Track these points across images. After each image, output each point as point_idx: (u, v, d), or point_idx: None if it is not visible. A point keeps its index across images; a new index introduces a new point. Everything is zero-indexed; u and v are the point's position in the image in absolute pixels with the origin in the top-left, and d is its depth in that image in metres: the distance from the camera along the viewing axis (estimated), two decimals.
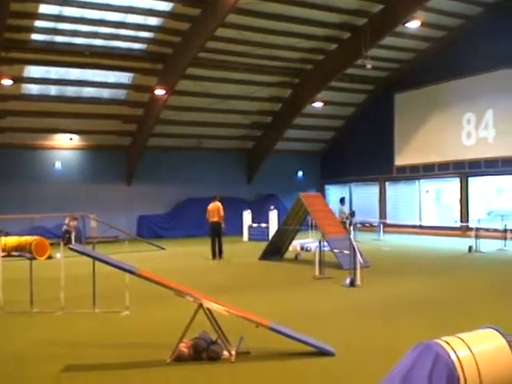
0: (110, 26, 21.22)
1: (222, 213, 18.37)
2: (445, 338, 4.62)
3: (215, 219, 18.28)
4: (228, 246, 21.22)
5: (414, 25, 21.77)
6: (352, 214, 23.61)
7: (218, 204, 18.50)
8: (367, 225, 27.76)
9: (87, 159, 27.92)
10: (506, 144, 23.95)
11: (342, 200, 23.49)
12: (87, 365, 6.79)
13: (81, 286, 11.62)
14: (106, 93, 25.11)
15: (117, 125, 26.94)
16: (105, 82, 24.46)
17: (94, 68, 23.38)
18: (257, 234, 25.42)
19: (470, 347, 4.57)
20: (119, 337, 8.21)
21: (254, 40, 23.27)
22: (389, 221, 28.87)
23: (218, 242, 18.34)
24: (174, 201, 29.87)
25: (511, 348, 4.76)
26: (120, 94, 25.41)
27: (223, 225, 18.52)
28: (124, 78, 24.51)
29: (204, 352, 6.80)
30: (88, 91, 24.74)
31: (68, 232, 23.56)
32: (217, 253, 18.27)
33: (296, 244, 19.99)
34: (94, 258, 7.97)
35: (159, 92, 23.86)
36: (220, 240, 18.40)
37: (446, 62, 26.09)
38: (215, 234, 18.38)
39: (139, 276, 7.10)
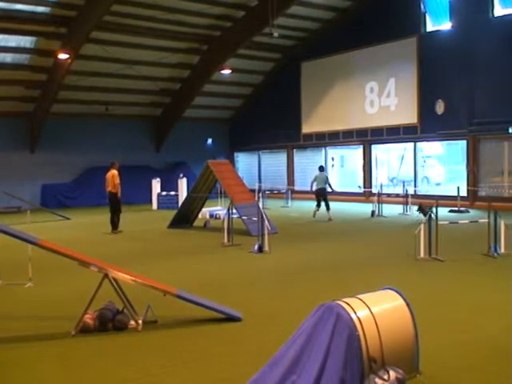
0: None
1: (116, 181, 16.92)
2: (346, 300, 4.77)
3: (109, 188, 17.09)
4: (137, 215, 20.96)
5: None
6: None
7: (112, 172, 17.07)
8: (275, 192, 28.13)
9: None
10: (406, 112, 24.86)
11: (320, 168, 20.70)
12: None
13: None
14: (8, 58, 23.81)
15: (19, 91, 25.75)
16: (6, 47, 23.17)
17: None
18: (166, 203, 25.25)
19: (370, 307, 4.75)
20: (22, 309, 7.97)
21: (161, 4, 22.74)
22: (296, 187, 29.42)
23: (115, 214, 17.15)
24: (79, 169, 29.08)
25: (409, 307, 5.00)
26: (23, 58, 24.16)
27: (118, 195, 17.05)
28: (26, 42, 23.27)
29: (109, 322, 6.71)
30: None
31: None
32: (115, 225, 17.15)
33: (205, 212, 20.02)
34: None
35: (63, 56, 22.89)
36: (117, 211, 17.13)
37: (350, 32, 26.61)
38: (110, 204, 17.29)
39: (41, 246, 6.86)
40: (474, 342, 6.04)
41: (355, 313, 4.59)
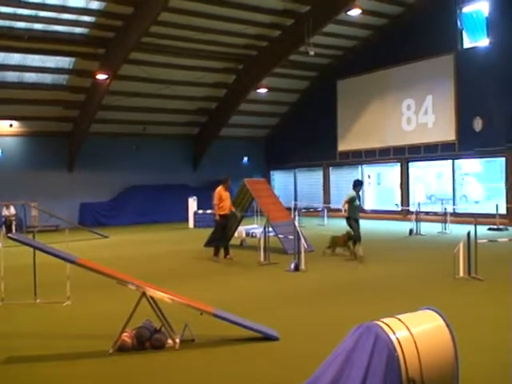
0: (51, 10, 20.47)
1: (213, 200, 15.33)
2: (384, 320, 4.70)
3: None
4: (173, 233, 21.01)
5: (355, 12, 21.99)
6: None
7: (217, 189, 15.45)
8: (311, 210, 28.01)
9: (28, 146, 27.22)
10: (444, 129, 24.58)
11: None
12: (28, 356, 6.64)
13: (21, 276, 11.34)
14: (48, 78, 24.43)
15: (58, 111, 26.32)
16: (45, 67, 23.76)
17: (34, 53, 22.71)
18: (202, 221, 25.31)
19: (409, 328, 4.65)
20: (61, 328, 8.05)
21: (198, 25, 23.01)
22: (333, 205, 29.25)
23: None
24: (117, 188, 29.43)
25: (449, 328, 4.89)
26: (61, 79, 24.76)
27: (217, 216, 15.10)
28: (65, 62, 23.83)
29: (147, 341, 6.74)
30: (29, 76, 24.05)
31: (8, 221, 22.89)
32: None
33: (241, 230, 20.01)
34: (34, 247, 7.77)
35: (101, 77, 23.34)
36: (215, 235, 15.57)
37: (386, 49, 26.52)
38: None
39: (79, 265, 6.95)
40: None
41: (394, 333, 4.51)
